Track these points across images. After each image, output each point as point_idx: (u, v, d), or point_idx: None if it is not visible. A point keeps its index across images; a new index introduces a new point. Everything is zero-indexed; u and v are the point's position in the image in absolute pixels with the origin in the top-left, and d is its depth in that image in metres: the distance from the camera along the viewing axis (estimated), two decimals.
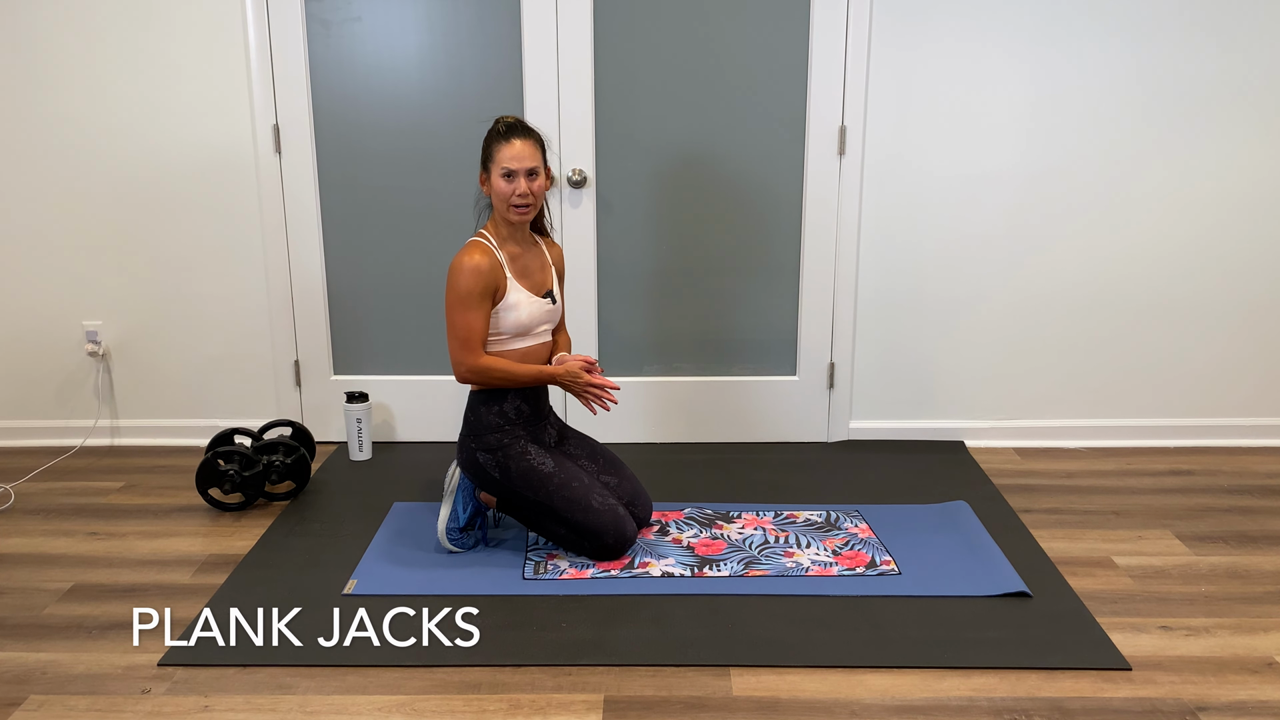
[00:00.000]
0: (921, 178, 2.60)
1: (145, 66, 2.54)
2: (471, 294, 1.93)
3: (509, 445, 2.04)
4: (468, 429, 2.08)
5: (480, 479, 2.06)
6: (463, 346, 1.96)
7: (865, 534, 2.19)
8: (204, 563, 2.09)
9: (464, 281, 1.93)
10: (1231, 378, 2.73)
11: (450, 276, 1.95)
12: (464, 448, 2.07)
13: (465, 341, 1.95)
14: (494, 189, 1.96)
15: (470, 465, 2.06)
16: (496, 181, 1.95)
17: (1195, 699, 1.61)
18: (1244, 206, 2.62)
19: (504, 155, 1.93)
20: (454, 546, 2.09)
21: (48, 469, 2.64)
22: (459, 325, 1.95)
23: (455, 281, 1.94)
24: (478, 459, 2.04)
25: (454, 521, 2.08)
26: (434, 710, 1.59)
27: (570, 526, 2.02)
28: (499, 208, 1.99)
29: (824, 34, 2.50)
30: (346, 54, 2.54)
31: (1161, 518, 2.30)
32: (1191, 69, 2.52)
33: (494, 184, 1.96)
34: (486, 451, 2.04)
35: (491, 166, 1.95)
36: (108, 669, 1.70)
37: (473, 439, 2.06)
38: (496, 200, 1.98)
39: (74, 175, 2.62)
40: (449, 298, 1.95)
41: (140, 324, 2.73)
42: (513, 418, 2.05)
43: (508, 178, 1.94)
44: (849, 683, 1.65)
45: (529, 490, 2.02)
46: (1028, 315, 2.70)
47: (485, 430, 2.04)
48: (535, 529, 2.10)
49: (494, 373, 1.99)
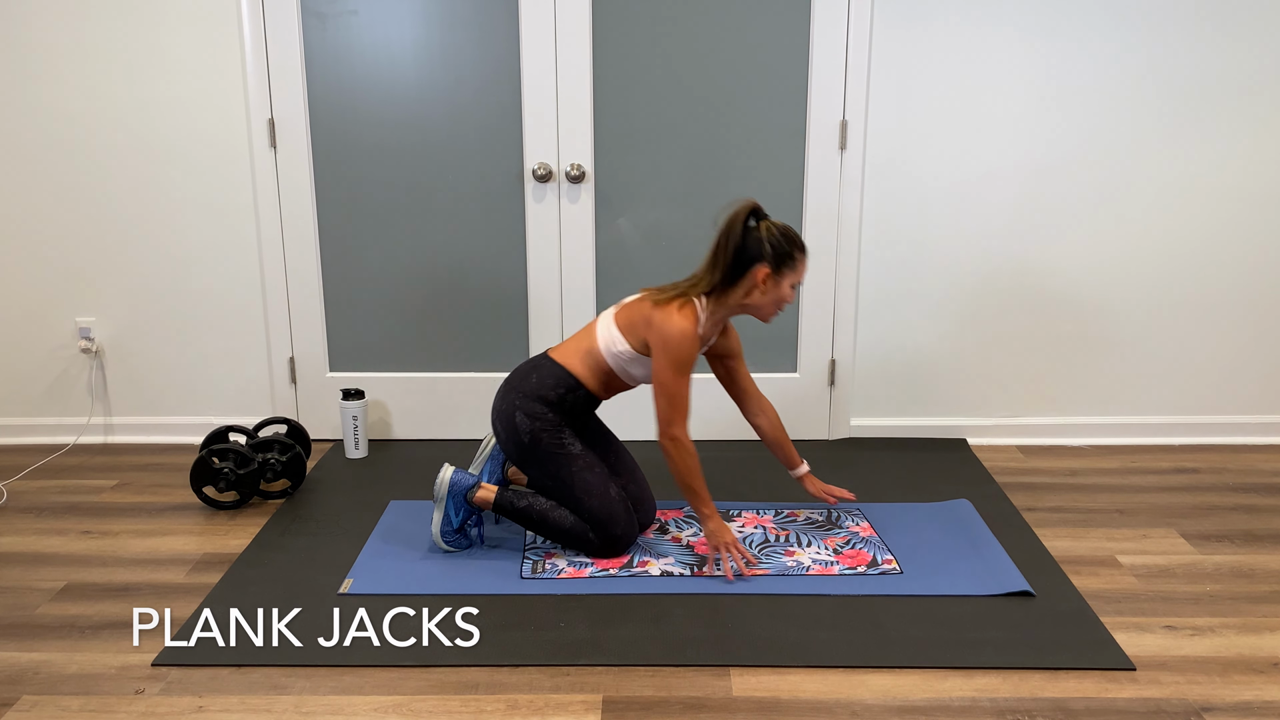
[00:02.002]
0: (923, 173, 2.58)
1: (138, 59, 2.52)
2: (690, 363, 1.94)
3: (553, 422, 2.01)
4: (522, 386, 2.03)
5: (507, 435, 2.03)
6: (674, 408, 1.93)
7: (867, 532, 2.18)
8: (198, 562, 2.08)
9: (687, 350, 1.92)
10: (1237, 375, 2.72)
11: (671, 339, 1.91)
12: (507, 400, 2.03)
13: (679, 407, 1.94)
14: (775, 291, 1.95)
15: (504, 418, 2.03)
16: (784, 287, 1.95)
17: (1200, 699, 1.60)
18: (1250, 202, 2.60)
19: (800, 270, 1.96)
20: (449, 547, 2.08)
21: (40, 467, 2.63)
22: (672, 390, 1.93)
23: (678, 347, 1.91)
24: (515, 417, 2.01)
25: (447, 525, 2.07)
26: (431, 711, 1.57)
27: (582, 511, 2.01)
28: (764, 306, 1.97)
29: (825, 27, 2.48)
30: (342, 47, 2.52)
31: (1166, 516, 2.29)
32: (1196, 63, 2.50)
33: (779, 288, 1.95)
34: (528, 416, 2.00)
35: (785, 273, 1.94)
36: (101, 669, 1.69)
37: (521, 397, 2.02)
38: (767, 300, 1.96)
39: (66, 169, 2.60)
40: (666, 360, 1.91)
41: (134, 320, 2.71)
42: (569, 406, 2.04)
43: (793, 288, 1.98)
44: (850, 683, 1.64)
45: (551, 465, 2.00)
46: (1031, 311, 2.68)
47: (539, 398, 2.01)
48: (534, 527, 2.08)
49: (683, 457, 1.95)
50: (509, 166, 2.59)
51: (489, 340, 2.72)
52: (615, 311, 2.05)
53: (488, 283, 2.68)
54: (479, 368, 2.74)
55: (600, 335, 2.03)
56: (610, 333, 2.02)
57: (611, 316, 2.04)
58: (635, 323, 1.99)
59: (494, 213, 2.63)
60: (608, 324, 2.03)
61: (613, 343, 2.00)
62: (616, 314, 2.04)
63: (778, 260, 1.93)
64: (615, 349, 2.00)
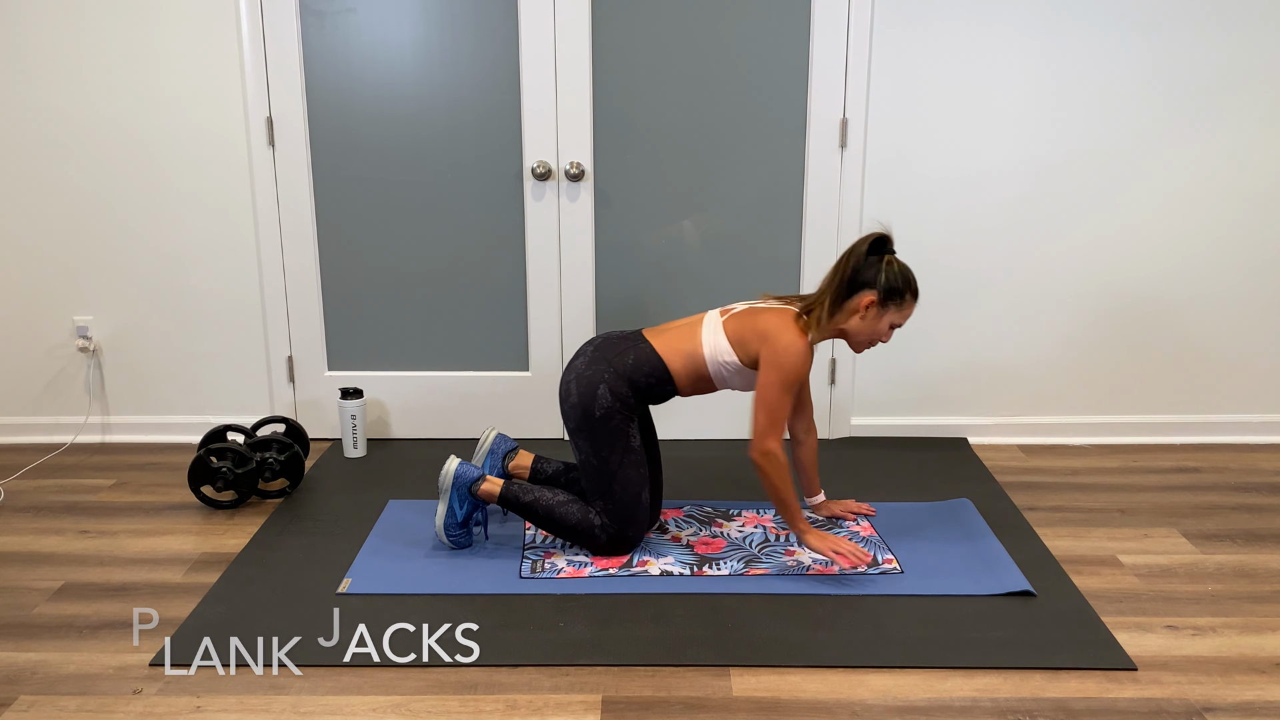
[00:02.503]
0: (924, 171, 2.57)
1: (136, 57, 2.51)
2: (799, 382, 1.92)
3: (630, 407, 1.98)
4: (615, 362, 1.98)
5: (580, 401, 1.97)
6: (771, 423, 1.90)
7: (867, 532, 2.17)
8: (196, 561, 2.07)
9: (801, 367, 1.90)
10: (1239, 373, 2.71)
11: (786, 358, 1.89)
12: (595, 368, 1.98)
13: (777, 423, 1.91)
14: (874, 324, 1.94)
15: (586, 384, 1.97)
16: (883, 323, 1.94)
17: (1202, 699, 1.59)
18: (1253, 200, 2.59)
19: (905, 313, 1.95)
20: (452, 543, 2.07)
21: (37, 466, 2.62)
22: (774, 403, 1.90)
23: (791, 364, 1.89)
24: (598, 389, 1.96)
25: (451, 518, 2.06)
26: (429, 711, 1.57)
27: (609, 500, 1.99)
28: (859, 334, 1.95)
29: (825, 24, 2.47)
30: (341, 45, 2.51)
31: (1168, 516, 2.28)
32: (1200, 60, 2.49)
33: (879, 322, 1.94)
34: (612, 393, 1.96)
35: (890, 309, 1.93)
36: (99, 669, 1.68)
37: (612, 372, 1.97)
38: (864, 330, 1.94)
39: (64, 168, 2.59)
40: (777, 376, 1.89)
41: (131, 319, 2.70)
42: (652, 396, 2.00)
43: (892, 328, 1.97)
44: (850, 683, 1.64)
45: (605, 447, 1.97)
46: (1032, 310, 2.67)
47: (629, 380, 1.97)
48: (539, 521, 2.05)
49: (776, 470, 1.92)
50: (508, 165, 2.58)
51: (488, 339, 2.72)
52: (724, 319, 1.99)
53: (487, 281, 2.68)
54: (478, 366, 2.74)
55: (706, 341, 1.98)
56: (718, 341, 1.97)
57: (720, 324, 1.98)
58: (746, 337, 1.95)
59: (493, 211, 2.62)
60: (715, 330, 1.98)
61: (719, 352, 1.97)
62: (725, 321, 1.98)
63: (886, 294, 1.91)
64: (721, 358, 1.97)
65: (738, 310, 2.01)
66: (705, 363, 1.98)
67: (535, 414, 2.75)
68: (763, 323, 1.94)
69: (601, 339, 2.06)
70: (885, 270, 1.90)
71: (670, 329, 2.04)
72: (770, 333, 1.92)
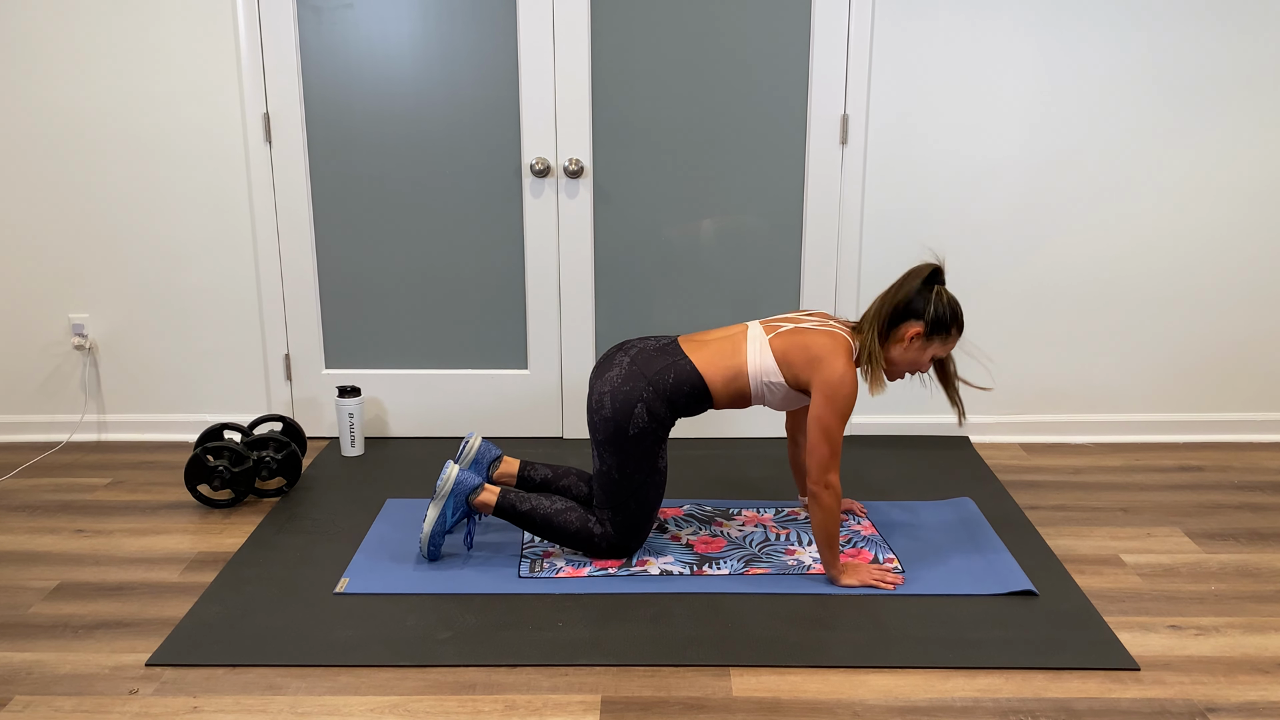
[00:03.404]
0: (926, 168, 2.56)
1: (132, 53, 2.50)
2: (852, 409, 1.88)
3: (664, 427, 1.95)
4: (656, 381, 1.92)
5: (615, 415, 1.92)
6: (834, 454, 1.87)
7: (868, 531, 2.16)
8: (193, 561, 2.06)
9: (853, 399, 1.87)
10: (1242, 372, 2.70)
11: (839, 391, 1.85)
12: (635, 386, 1.92)
13: (837, 451, 1.88)
14: (916, 354, 1.91)
15: (623, 401, 1.92)
16: (925, 354, 1.91)
17: (1205, 700, 1.58)
18: (1255, 197, 2.58)
19: (948, 346, 1.93)
20: (431, 552, 2.01)
21: (33, 465, 2.61)
22: (836, 435, 1.86)
23: (845, 399, 1.86)
24: (635, 408, 1.91)
25: (440, 525, 2.00)
26: (427, 711, 1.56)
27: (621, 513, 1.96)
28: (899, 363, 1.92)
29: (826, 19, 2.46)
30: (338, 41, 2.50)
31: (1170, 515, 2.27)
32: (1202, 56, 2.48)
33: (921, 353, 1.91)
34: (649, 414, 1.91)
35: (934, 341, 1.90)
36: (95, 669, 1.67)
37: (652, 392, 1.92)
38: (905, 359, 1.91)
39: (59, 165, 2.58)
40: (833, 409, 1.85)
41: (127, 317, 2.69)
42: (687, 411, 1.96)
43: (933, 360, 1.95)
44: (851, 683, 1.63)
45: (631, 464, 1.93)
46: (1034, 308, 2.66)
47: (668, 400, 1.93)
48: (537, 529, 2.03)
49: (835, 504, 1.89)
50: (506, 161, 2.57)
51: (486, 337, 2.71)
52: (770, 336, 1.93)
53: (485, 279, 2.66)
54: (476, 364, 2.73)
55: (752, 358, 1.93)
56: (764, 360, 1.92)
57: (766, 341, 1.93)
58: (794, 360, 1.90)
59: (491, 208, 2.61)
60: (762, 349, 1.92)
61: (765, 372, 1.92)
62: (772, 340, 1.92)
63: (934, 326, 1.88)
64: (767, 379, 1.93)
65: (784, 329, 1.94)
66: (748, 382, 1.93)
67: (534, 413, 2.74)
68: (814, 346, 1.89)
69: (637, 350, 1.97)
70: (935, 302, 1.88)
71: (709, 342, 1.98)
72: (822, 359, 1.87)
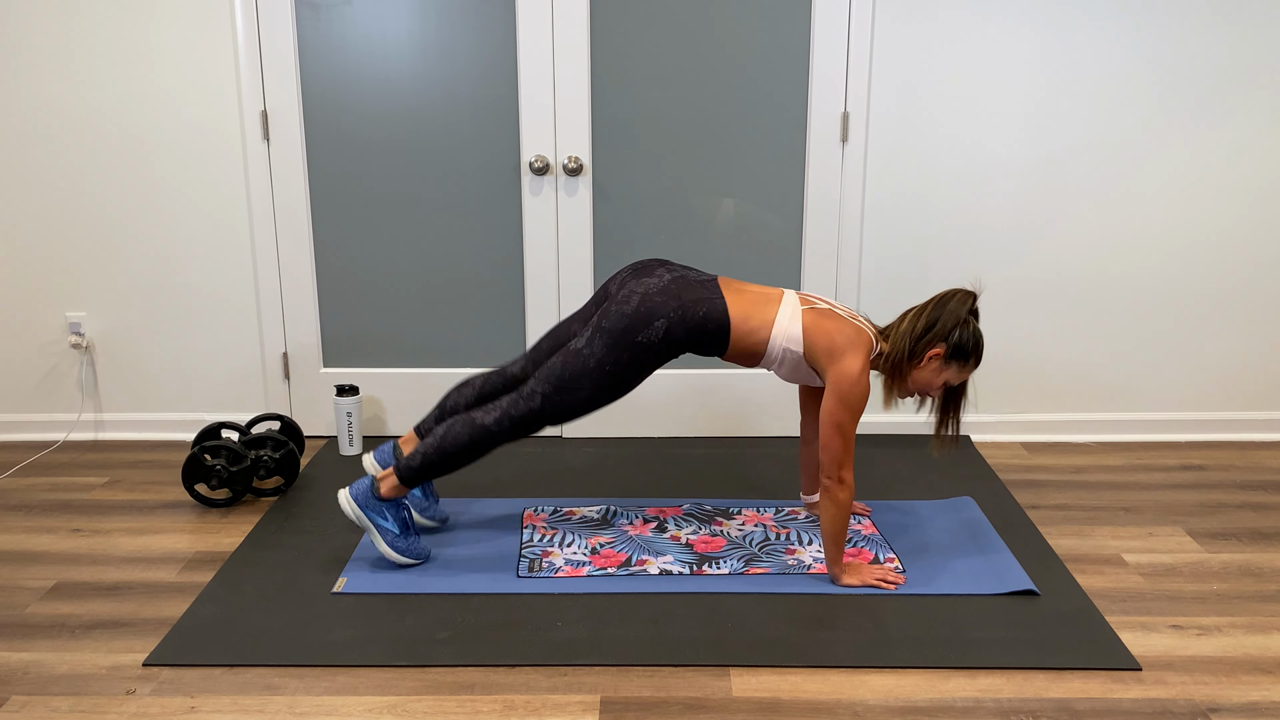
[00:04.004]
0: (926, 165, 2.55)
1: (129, 51, 2.49)
2: (863, 408, 1.87)
3: (669, 351, 1.89)
4: (690, 308, 1.86)
5: (636, 317, 1.85)
6: (848, 450, 1.87)
7: (868, 530, 2.15)
8: (190, 560, 2.05)
9: (864, 399, 1.86)
10: (1245, 370, 2.69)
11: (851, 391, 1.84)
12: (668, 303, 1.86)
13: (851, 448, 1.87)
14: (929, 376, 1.90)
15: (650, 310, 1.85)
16: (939, 378, 1.91)
17: (1207, 700, 1.58)
18: (1258, 195, 2.58)
19: (962, 375, 1.92)
20: (410, 559, 1.98)
21: (29, 464, 2.60)
22: (849, 430, 1.86)
23: (857, 400, 1.85)
24: (656, 322, 1.85)
25: (390, 536, 1.96)
26: (426, 711, 1.55)
27: (563, 395, 1.89)
28: (914, 380, 1.91)
29: (826, 16, 2.45)
30: (336, 38, 2.49)
31: (1172, 514, 2.26)
32: (1204, 53, 2.47)
33: (935, 377, 1.90)
34: (666, 335, 1.85)
35: (951, 366, 1.89)
36: (91, 669, 1.67)
37: (680, 316, 1.85)
38: (921, 378, 1.90)
39: (56, 162, 2.57)
40: (845, 406, 1.84)
41: (125, 315, 2.68)
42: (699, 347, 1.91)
43: (946, 385, 1.93)
44: (852, 683, 1.62)
45: (613, 362, 1.86)
46: (1035, 306, 2.65)
47: (690, 330, 1.87)
48: (457, 461, 1.92)
49: (847, 499, 1.88)
50: (505, 159, 2.56)
51: (485, 335, 2.70)
52: (804, 308, 1.91)
53: (484, 277, 2.65)
54: (475, 363, 2.72)
55: (780, 321, 1.90)
56: (791, 328, 1.90)
57: (799, 310, 1.90)
58: (817, 339, 1.88)
59: (490, 206, 2.60)
60: (793, 315, 1.89)
61: (789, 338, 1.90)
62: (805, 312, 1.90)
63: (955, 351, 1.87)
64: (788, 344, 1.90)
65: (819, 306, 1.93)
66: (769, 338, 1.90)
67: None
68: (838, 334, 1.88)
69: (680, 273, 1.93)
70: (961, 329, 1.87)
71: (747, 291, 1.93)
72: (842, 351, 1.86)
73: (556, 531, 2.14)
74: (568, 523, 2.19)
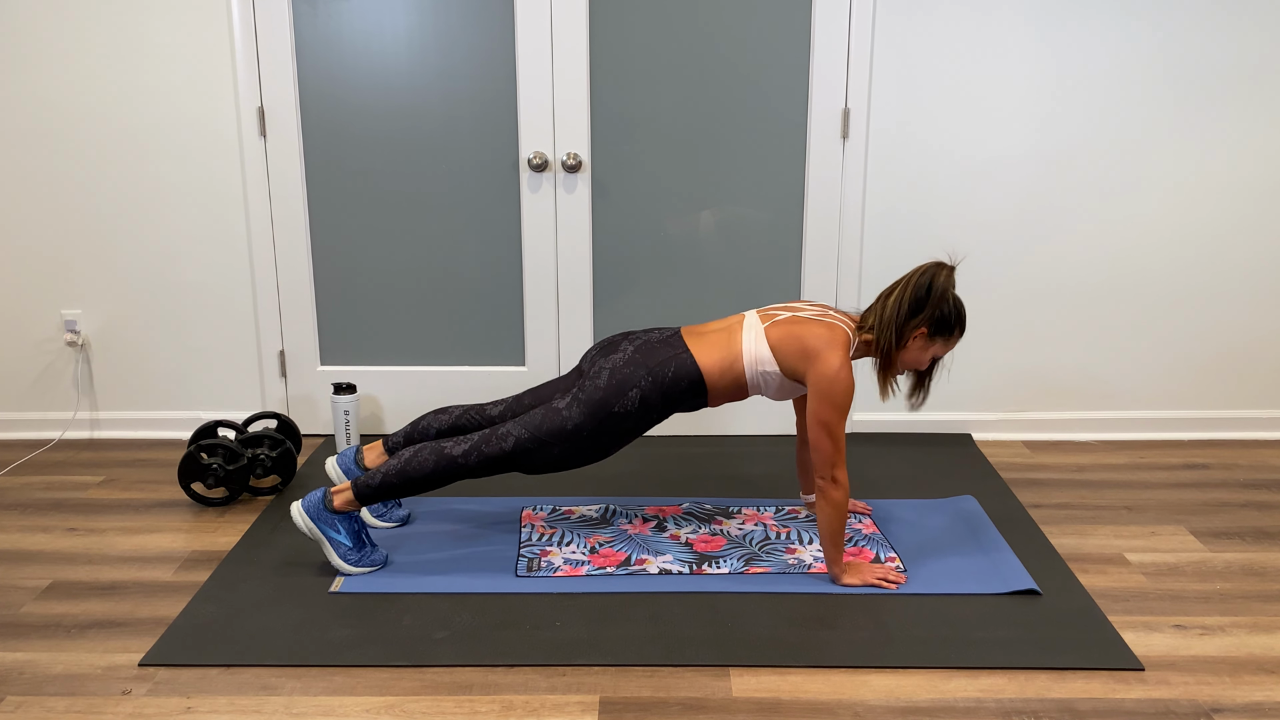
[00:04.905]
0: (928, 162, 2.54)
1: (125, 47, 2.48)
2: (849, 404, 1.86)
3: (649, 418, 1.89)
4: (656, 371, 1.87)
5: (609, 391, 1.86)
6: (838, 449, 1.86)
7: (869, 530, 2.14)
8: (186, 559, 2.04)
9: (850, 394, 1.84)
10: (1248, 368, 2.69)
11: (835, 388, 1.83)
12: (635, 372, 1.86)
13: (841, 447, 1.86)
14: (919, 355, 1.90)
15: (621, 381, 1.86)
16: (925, 353, 1.90)
17: (1210, 700, 1.57)
18: (1261, 193, 2.57)
19: (948, 346, 1.92)
20: (366, 567, 1.95)
21: (24, 462, 2.59)
22: (837, 430, 1.85)
23: (842, 396, 1.83)
24: (629, 393, 1.86)
25: (343, 549, 1.93)
26: (424, 712, 1.54)
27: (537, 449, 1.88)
28: (908, 361, 1.90)
29: (827, 12, 2.44)
30: (334, 34, 2.47)
31: (1175, 513, 2.26)
32: (1208, 50, 2.46)
33: (924, 354, 1.90)
34: (641, 403, 1.86)
35: (936, 341, 1.89)
36: (87, 669, 1.66)
37: (651, 382, 1.86)
38: (911, 359, 1.90)
39: (51, 159, 2.56)
40: (831, 405, 1.83)
41: (121, 313, 2.67)
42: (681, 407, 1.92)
43: (934, 360, 1.94)
44: (853, 683, 1.61)
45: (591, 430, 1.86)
46: (1037, 304, 2.65)
47: (664, 394, 1.87)
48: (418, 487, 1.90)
49: (842, 497, 1.87)
50: (504, 156, 2.55)
51: (483, 333, 2.69)
52: (766, 325, 1.90)
53: (482, 274, 2.64)
54: (473, 361, 2.71)
55: (747, 348, 1.90)
56: (759, 349, 1.89)
57: (762, 330, 1.89)
58: (789, 351, 1.87)
59: (489, 203, 2.59)
60: (757, 338, 1.89)
61: (760, 361, 1.89)
62: (768, 329, 1.89)
63: (938, 326, 1.87)
64: (762, 368, 1.89)
65: (780, 318, 1.91)
66: (744, 371, 1.90)
67: None
68: (809, 337, 1.86)
69: (641, 340, 1.93)
70: (942, 304, 1.86)
71: (708, 333, 1.94)
72: (817, 352, 1.85)
73: (555, 530, 2.13)
74: (566, 522, 2.18)
